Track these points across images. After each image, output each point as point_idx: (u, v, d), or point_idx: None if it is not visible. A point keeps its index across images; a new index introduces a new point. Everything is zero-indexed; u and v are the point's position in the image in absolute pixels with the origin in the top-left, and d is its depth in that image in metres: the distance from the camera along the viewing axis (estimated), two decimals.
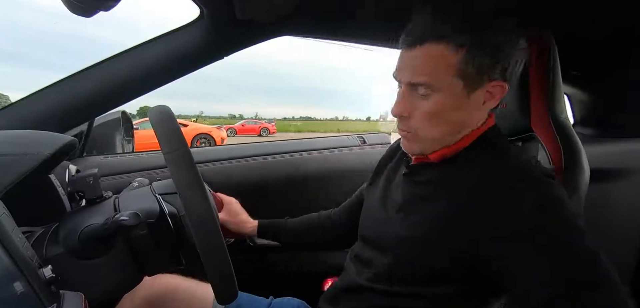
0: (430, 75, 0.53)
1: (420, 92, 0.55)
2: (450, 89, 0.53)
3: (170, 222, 0.59)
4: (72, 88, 0.78)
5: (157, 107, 0.56)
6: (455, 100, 0.54)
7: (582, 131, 1.34)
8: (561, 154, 0.66)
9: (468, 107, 0.55)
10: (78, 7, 0.56)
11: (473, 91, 0.54)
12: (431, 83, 0.53)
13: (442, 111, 0.55)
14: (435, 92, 0.54)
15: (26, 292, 0.39)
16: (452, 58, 0.52)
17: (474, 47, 0.52)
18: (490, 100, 0.56)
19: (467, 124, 0.57)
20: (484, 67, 0.53)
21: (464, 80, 0.53)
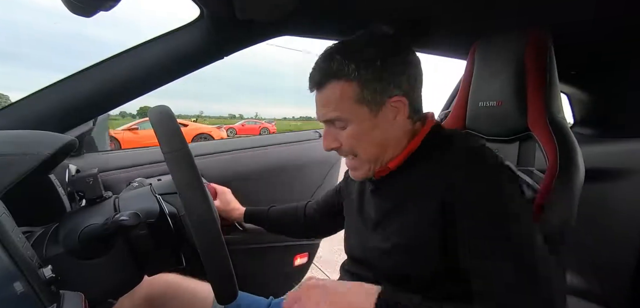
0: (338, 109, 0.61)
1: (337, 125, 0.63)
2: (358, 116, 0.61)
3: (170, 222, 0.59)
4: (72, 88, 0.78)
5: (157, 108, 0.56)
6: (367, 123, 0.61)
7: (582, 131, 1.34)
8: (557, 154, 0.66)
9: (381, 125, 0.61)
10: (78, 7, 0.56)
11: (377, 111, 0.61)
12: (341, 116, 0.61)
13: (361, 134, 0.62)
14: (348, 122, 0.62)
15: (26, 292, 0.39)
16: (350, 91, 0.59)
17: (363, 77, 0.59)
18: (399, 114, 0.62)
19: (392, 140, 0.63)
20: (378, 90, 0.59)
21: (366, 105, 0.60)
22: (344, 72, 0.59)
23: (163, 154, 0.53)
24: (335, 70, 0.60)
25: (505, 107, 0.76)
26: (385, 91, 0.60)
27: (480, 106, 0.81)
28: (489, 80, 0.80)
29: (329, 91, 0.61)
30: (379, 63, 0.59)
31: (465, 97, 0.86)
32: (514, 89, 0.74)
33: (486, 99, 0.80)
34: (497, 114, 0.78)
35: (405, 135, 0.64)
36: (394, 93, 0.60)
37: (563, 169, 0.65)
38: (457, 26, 0.92)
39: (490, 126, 0.81)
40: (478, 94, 0.82)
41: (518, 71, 0.74)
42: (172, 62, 0.83)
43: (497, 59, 0.78)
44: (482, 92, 0.81)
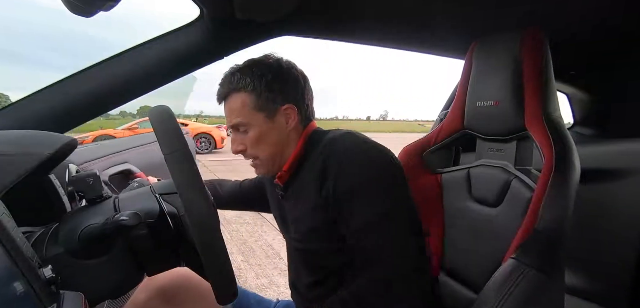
0: (240, 117, 0.72)
1: (241, 130, 0.73)
2: (257, 121, 0.71)
3: (170, 222, 0.59)
4: (72, 88, 0.78)
5: (157, 108, 0.56)
6: (265, 127, 0.72)
7: (582, 131, 1.34)
8: (553, 152, 0.66)
9: (277, 129, 0.73)
10: (78, 7, 0.56)
11: (273, 117, 0.72)
12: (243, 121, 0.72)
13: (261, 137, 0.72)
14: (249, 127, 0.72)
15: (26, 292, 0.39)
16: (247, 100, 0.71)
17: (258, 88, 0.70)
18: (291, 119, 0.73)
19: (287, 141, 0.74)
20: (270, 98, 0.71)
21: (262, 111, 0.71)
22: (242, 85, 0.70)
23: (163, 154, 0.53)
24: (235, 84, 0.71)
25: (503, 106, 0.76)
26: (277, 100, 0.71)
27: (478, 106, 0.81)
28: (486, 80, 0.80)
29: (232, 102, 0.72)
30: (270, 77, 0.71)
31: (463, 97, 0.86)
32: (511, 88, 0.74)
33: (484, 98, 0.80)
34: (494, 114, 0.78)
35: (297, 138, 0.75)
36: (285, 102, 0.72)
37: (559, 167, 0.65)
38: (456, 26, 0.92)
39: (488, 125, 0.81)
40: (476, 93, 0.82)
41: (515, 71, 0.74)
42: (172, 62, 0.83)
43: (495, 58, 0.78)
44: (480, 91, 0.81)
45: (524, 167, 0.76)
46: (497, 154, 0.82)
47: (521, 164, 0.77)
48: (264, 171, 0.77)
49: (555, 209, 0.64)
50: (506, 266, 0.64)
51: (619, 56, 1.10)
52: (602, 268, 1.14)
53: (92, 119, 0.89)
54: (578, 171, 0.67)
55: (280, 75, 0.72)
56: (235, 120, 0.73)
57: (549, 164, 0.66)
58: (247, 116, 0.71)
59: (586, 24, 0.87)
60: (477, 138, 0.86)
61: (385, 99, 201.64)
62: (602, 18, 0.83)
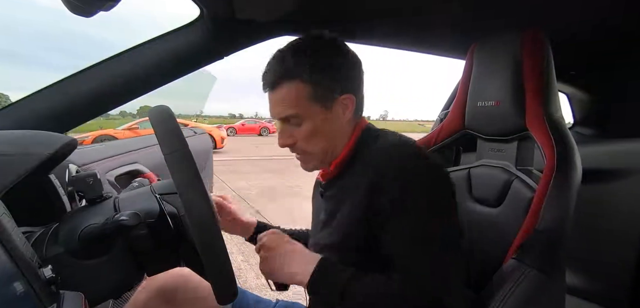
0: (294, 107, 0.65)
1: (292, 122, 0.67)
2: (312, 112, 0.65)
3: (170, 222, 0.59)
4: (72, 88, 0.78)
5: (157, 108, 0.56)
6: (320, 119, 0.66)
7: (582, 131, 1.35)
8: (554, 152, 0.66)
9: (332, 121, 0.66)
10: (78, 7, 0.56)
11: (330, 107, 0.65)
12: (297, 113, 0.65)
13: (315, 130, 0.66)
14: (304, 119, 0.66)
15: (26, 291, 0.39)
16: (304, 89, 0.64)
17: (317, 76, 0.63)
18: (347, 110, 0.67)
19: (340, 134, 0.68)
20: (330, 87, 0.64)
21: (319, 102, 0.65)
22: (297, 73, 0.63)
23: (163, 155, 0.53)
24: (288, 71, 0.64)
25: (504, 107, 0.76)
26: (336, 89, 0.65)
27: (478, 106, 0.81)
28: (487, 80, 0.80)
29: (283, 91, 0.65)
30: (328, 63, 0.64)
31: (464, 97, 0.86)
32: (512, 89, 0.74)
33: (484, 99, 0.80)
34: (495, 114, 0.78)
35: (350, 132, 0.69)
36: (344, 91, 0.66)
37: (560, 168, 0.65)
38: (457, 26, 0.92)
39: (488, 125, 0.81)
40: (477, 94, 0.82)
41: (516, 71, 0.74)
42: (172, 62, 0.83)
43: (496, 59, 0.78)
44: (481, 92, 0.81)
45: (525, 167, 0.76)
46: (498, 154, 0.82)
47: (522, 165, 0.77)
48: (312, 166, 0.71)
49: (557, 209, 0.64)
50: (507, 266, 0.64)
51: (619, 56, 1.10)
52: (602, 268, 1.14)
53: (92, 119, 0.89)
54: (580, 172, 0.67)
55: (338, 61, 0.66)
56: (287, 112, 0.66)
57: (551, 165, 0.66)
58: (302, 108, 0.64)
59: (586, 24, 0.87)
60: (478, 138, 0.86)
61: (385, 99, 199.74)
62: (602, 18, 0.83)
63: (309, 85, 0.64)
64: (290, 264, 0.64)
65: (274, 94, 0.66)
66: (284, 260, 0.65)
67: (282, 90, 0.65)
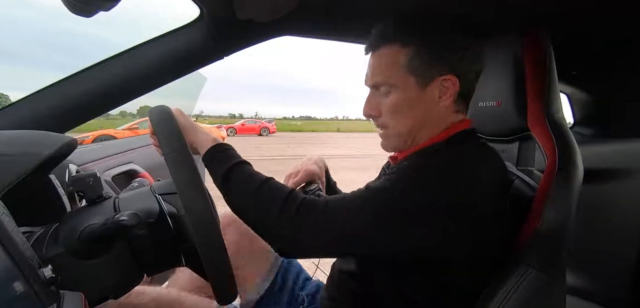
0: (386, 74, 0.61)
1: (381, 91, 0.63)
2: (404, 84, 0.60)
3: (170, 222, 0.59)
4: (72, 88, 0.78)
5: (157, 108, 0.56)
6: (411, 94, 0.60)
7: (582, 131, 1.34)
8: (556, 153, 0.66)
9: (425, 101, 0.61)
10: (78, 7, 0.56)
11: (425, 85, 0.60)
12: (388, 81, 0.61)
13: (402, 105, 0.61)
14: (393, 89, 0.61)
15: (26, 291, 0.39)
16: (402, 57, 0.60)
17: (419, 45, 0.59)
18: (444, 94, 0.61)
19: (431, 121, 0.63)
20: (431, 62, 0.59)
21: (415, 75, 0.60)
22: (400, 37, 0.60)
23: (163, 155, 0.53)
24: (392, 33, 0.61)
25: (505, 107, 0.76)
26: (438, 66, 0.59)
27: (480, 106, 0.81)
28: (488, 80, 0.80)
29: (381, 54, 0.62)
30: (439, 37, 0.60)
31: None
32: (513, 89, 0.74)
33: (486, 99, 0.80)
34: (496, 114, 0.78)
35: (444, 121, 0.63)
36: (446, 71, 0.60)
37: (562, 168, 0.65)
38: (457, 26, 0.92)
39: (490, 126, 0.81)
40: (478, 94, 0.82)
41: (517, 71, 0.74)
42: (172, 62, 0.83)
43: (497, 59, 0.78)
44: (482, 92, 0.81)
45: (526, 167, 0.76)
46: None
47: (523, 165, 0.77)
48: (392, 146, 0.67)
49: (558, 210, 0.64)
50: (507, 266, 0.63)
51: (619, 56, 1.10)
52: (603, 268, 1.14)
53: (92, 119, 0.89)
54: (581, 172, 0.67)
55: (452, 38, 0.60)
56: (378, 78, 0.62)
57: (552, 165, 0.66)
58: (394, 76, 0.60)
59: (587, 24, 0.86)
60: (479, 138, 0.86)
61: None
62: (603, 18, 0.83)
63: (407, 51, 0.59)
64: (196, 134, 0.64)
65: (372, 56, 0.63)
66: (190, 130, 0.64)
67: (380, 53, 0.62)
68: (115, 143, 1.34)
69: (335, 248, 0.58)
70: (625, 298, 1.09)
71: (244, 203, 0.59)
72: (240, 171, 0.60)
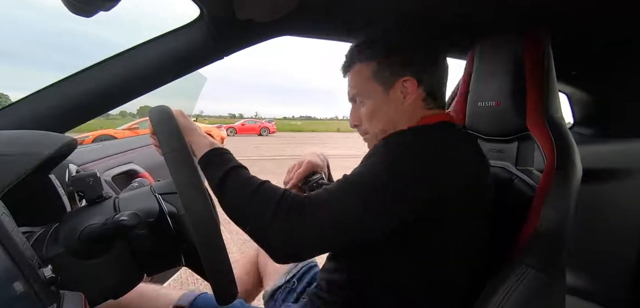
0: (358, 87, 0.72)
1: (358, 102, 0.73)
2: (373, 93, 0.70)
3: (170, 222, 0.59)
4: (72, 88, 0.78)
5: (157, 108, 0.56)
6: (380, 99, 0.69)
7: (582, 131, 1.35)
8: (555, 153, 0.66)
9: (391, 103, 0.69)
10: (78, 7, 0.56)
11: (389, 89, 0.69)
12: (360, 92, 0.71)
13: (374, 110, 0.70)
14: (366, 99, 0.71)
15: (26, 292, 0.39)
16: (368, 70, 0.70)
17: (380, 57, 0.69)
18: (408, 94, 0.68)
19: (402, 119, 0.69)
20: (390, 69, 0.68)
21: (379, 83, 0.69)
22: (364, 55, 0.70)
23: (163, 154, 0.53)
24: (356, 54, 0.71)
25: (504, 107, 0.76)
26: (397, 72, 0.68)
27: (479, 106, 0.81)
28: (488, 80, 0.80)
29: (353, 72, 0.72)
30: (394, 46, 0.68)
31: (464, 97, 0.86)
32: (513, 89, 0.74)
33: (485, 99, 0.80)
34: (495, 114, 0.78)
35: (415, 117, 0.69)
36: (405, 74, 0.68)
37: (561, 168, 0.65)
38: (457, 26, 0.92)
39: (489, 126, 0.81)
40: (477, 94, 0.82)
41: (517, 71, 0.74)
42: (172, 62, 0.83)
43: (496, 59, 0.78)
44: (481, 92, 0.81)
45: (525, 167, 0.76)
46: (498, 154, 0.82)
47: (522, 165, 0.77)
48: (370, 146, 0.74)
49: (557, 210, 0.64)
50: (507, 266, 0.64)
51: (619, 56, 1.10)
52: (602, 268, 1.14)
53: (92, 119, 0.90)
54: (580, 172, 0.67)
55: (408, 46, 0.69)
56: (352, 92, 0.73)
57: (551, 165, 0.66)
58: (364, 88, 0.70)
59: (587, 24, 0.87)
60: (478, 138, 0.86)
61: None
62: (603, 18, 0.83)
63: (371, 65, 0.69)
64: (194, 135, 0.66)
65: (348, 77, 0.74)
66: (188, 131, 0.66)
67: (351, 72, 0.72)
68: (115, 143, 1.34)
69: (326, 242, 0.58)
70: (625, 298, 1.09)
71: (238, 209, 0.59)
72: (235, 176, 0.60)
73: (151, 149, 1.22)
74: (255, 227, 0.57)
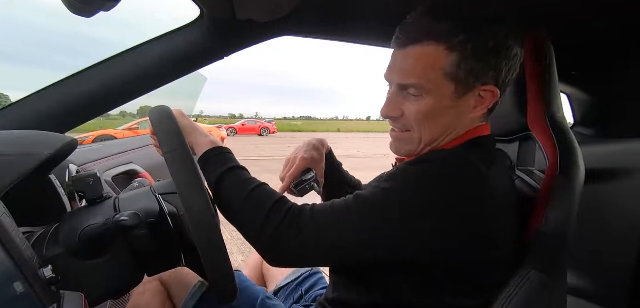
0: (421, 76, 0.53)
1: (410, 92, 0.56)
2: (440, 91, 0.54)
3: (169, 221, 0.59)
4: (72, 88, 0.78)
5: (157, 108, 0.56)
6: (445, 102, 0.54)
7: (582, 131, 1.34)
8: (557, 153, 0.66)
9: (458, 110, 0.56)
10: (78, 7, 0.56)
11: (463, 94, 0.54)
12: (422, 84, 0.54)
13: (432, 113, 0.55)
14: (426, 94, 0.54)
15: (26, 292, 0.39)
16: (444, 60, 0.52)
17: (467, 50, 0.52)
18: (480, 105, 0.56)
19: (455, 128, 0.58)
20: (475, 70, 0.53)
21: (454, 83, 0.53)
22: (448, 38, 0.51)
23: (163, 154, 0.53)
24: (437, 31, 0.52)
25: (505, 107, 0.76)
26: (482, 76, 0.53)
27: None
28: None
29: (418, 52, 0.53)
30: (491, 44, 0.52)
31: None
32: (513, 89, 0.74)
33: None
34: (497, 114, 0.78)
35: (466, 129, 0.58)
36: (489, 81, 0.54)
37: (563, 169, 0.65)
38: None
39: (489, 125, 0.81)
40: None
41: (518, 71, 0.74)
42: (172, 62, 0.83)
43: None
44: None
45: (527, 168, 0.76)
46: None
47: (523, 165, 0.77)
48: (406, 151, 0.61)
49: (559, 210, 0.63)
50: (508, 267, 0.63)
51: (619, 56, 1.10)
52: (603, 268, 1.14)
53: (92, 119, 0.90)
54: (582, 173, 0.67)
55: (503, 45, 0.53)
56: (410, 80, 0.54)
57: (553, 165, 0.66)
58: (432, 81, 0.53)
59: (587, 24, 0.86)
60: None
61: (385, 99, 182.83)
62: (603, 18, 0.83)
63: (450, 55, 0.52)
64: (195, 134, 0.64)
65: (403, 51, 0.55)
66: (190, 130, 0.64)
67: (416, 49, 0.53)
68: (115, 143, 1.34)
69: (323, 258, 0.55)
70: (625, 298, 1.09)
71: (232, 209, 0.57)
72: (233, 176, 0.59)
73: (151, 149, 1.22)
74: (247, 231, 0.56)
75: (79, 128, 0.83)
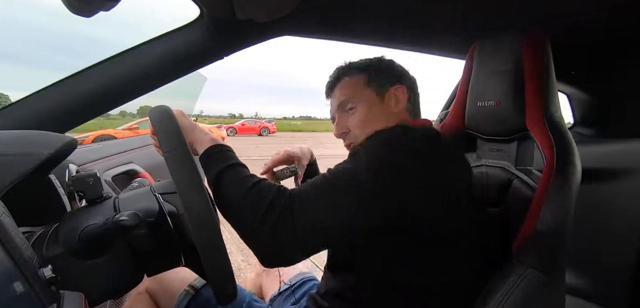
0: (350, 94, 0.74)
1: (347, 108, 0.74)
2: (367, 97, 0.73)
3: (169, 221, 0.59)
4: (72, 88, 0.78)
5: (157, 107, 0.56)
6: (373, 104, 0.73)
7: (582, 131, 1.34)
8: (554, 153, 0.66)
9: (384, 107, 0.73)
10: (78, 7, 0.56)
11: (383, 95, 0.74)
12: (352, 97, 0.74)
13: (368, 116, 0.72)
14: (358, 104, 0.73)
15: (26, 292, 0.39)
16: (359, 79, 0.74)
17: (369, 71, 0.75)
18: (399, 102, 0.74)
19: (388, 123, 0.71)
20: (382, 78, 0.74)
21: (373, 89, 0.73)
22: (354, 70, 0.75)
23: (163, 154, 0.53)
24: (347, 70, 0.76)
25: (504, 107, 0.76)
26: (389, 80, 0.74)
27: (478, 106, 0.81)
28: (487, 80, 0.80)
29: (344, 83, 0.75)
30: (382, 64, 0.76)
31: (464, 96, 0.86)
32: (512, 89, 0.74)
33: (485, 98, 0.80)
34: (495, 114, 0.78)
35: (397, 121, 0.73)
36: (396, 82, 0.74)
37: (560, 168, 0.65)
38: (457, 26, 0.92)
39: (488, 125, 0.81)
40: (477, 93, 0.82)
41: (516, 71, 0.74)
42: (172, 62, 0.83)
43: (496, 58, 0.78)
44: (481, 92, 0.81)
45: (525, 167, 0.76)
46: (497, 154, 0.82)
47: (522, 165, 0.77)
48: None
49: (557, 209, 0.64)
50: (507, 266, 0.64)
51: (619, 56, 1.10)
52: (602, 268, 1.14)
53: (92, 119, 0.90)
54: (579, 172, 0.67)
55: (392, 64, 0.77)
56: (343, 97, 0.74)
57: (550, 165, 0.66)
58: (358, 93, 0.73)
59: (586, 24, 0.87)
60: (478, 138, 0.86)
61: None
62: (603, 18, 0.83)
63: (364, 74, 0.74)
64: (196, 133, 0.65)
65: (334, 92, 0.77)
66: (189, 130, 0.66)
67: (340, 84, 0.76)
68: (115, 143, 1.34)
69: (316, 239, 0.56)
70: (624, 298, 1.09)
71: (232, 205, 0.57)
72: (233, 173, 0.59)
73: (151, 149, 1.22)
74: (246, 227, 0.56)
75: (79, 128, 0.83)
